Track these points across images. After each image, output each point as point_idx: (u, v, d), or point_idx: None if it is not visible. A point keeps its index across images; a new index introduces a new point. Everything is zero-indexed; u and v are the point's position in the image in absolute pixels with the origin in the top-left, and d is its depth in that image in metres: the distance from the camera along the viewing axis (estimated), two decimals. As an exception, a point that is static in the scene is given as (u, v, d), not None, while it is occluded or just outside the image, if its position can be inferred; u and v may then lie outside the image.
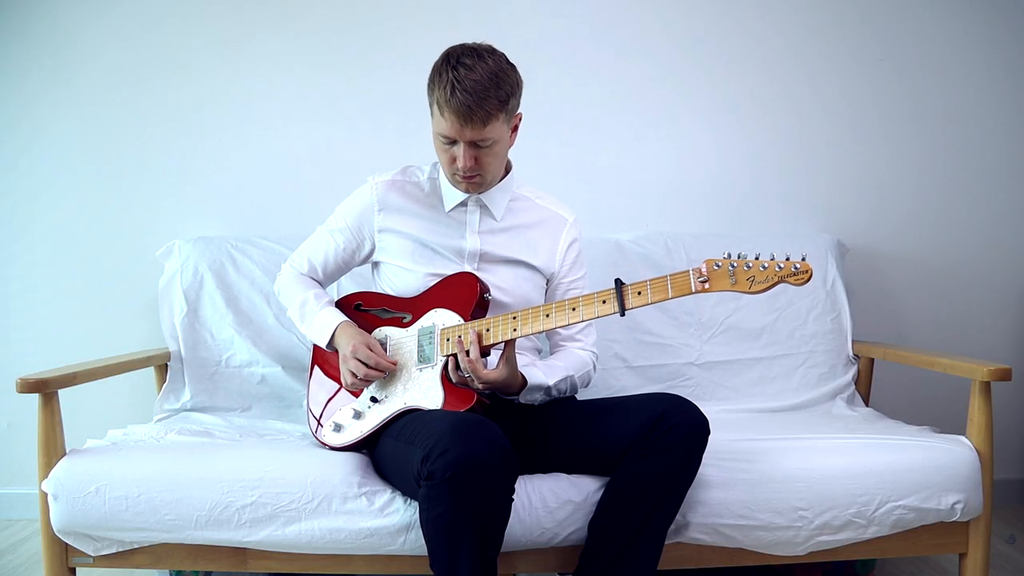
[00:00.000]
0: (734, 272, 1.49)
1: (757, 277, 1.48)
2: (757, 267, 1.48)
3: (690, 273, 1.51)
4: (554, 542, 1.67)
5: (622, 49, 2.58)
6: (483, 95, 1.59)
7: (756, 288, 1.48)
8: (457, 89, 1.59)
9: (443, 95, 1.61)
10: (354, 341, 1.72)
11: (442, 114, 1.63)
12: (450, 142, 1.67)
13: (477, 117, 1.60)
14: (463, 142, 1.65)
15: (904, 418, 2.18)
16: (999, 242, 2.66)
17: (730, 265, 1.49)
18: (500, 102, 1.62)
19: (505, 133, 1.69)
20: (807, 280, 1.48)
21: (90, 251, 2.53)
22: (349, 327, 1.77)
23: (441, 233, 1.79)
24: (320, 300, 1.84)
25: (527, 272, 1.82)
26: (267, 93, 2.54)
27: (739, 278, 1.49)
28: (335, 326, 1.77)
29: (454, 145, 1.67)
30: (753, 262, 1.49)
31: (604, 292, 1.58)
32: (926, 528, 1.76)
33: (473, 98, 1.58)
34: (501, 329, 1.62)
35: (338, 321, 1.78)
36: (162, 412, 2.22)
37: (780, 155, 2.62)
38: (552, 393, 1.75)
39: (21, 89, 2.52)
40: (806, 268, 1.47)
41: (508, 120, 1.68)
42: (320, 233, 1.89)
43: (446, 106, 1.61)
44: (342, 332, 1.76)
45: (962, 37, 2.62)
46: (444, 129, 1.64)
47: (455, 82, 1.59)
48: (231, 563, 1.72)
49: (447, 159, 1.70)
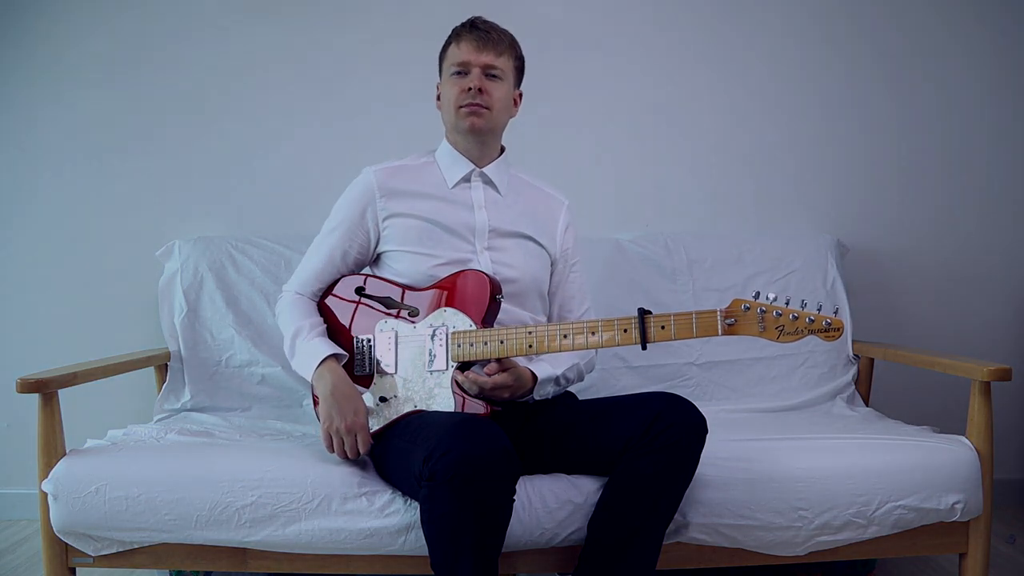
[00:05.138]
0: (763, 318, 1.48)
1: (787, 327, 1.47)
2: (787, 316, 1.47)
3: (718, 314, 1.51)
4: (554, 542, 1.67)
5: (622, 49, 2.58)
6: (499, 31, 1.77)
7: (785, 339, 1.48)
8: (477, 22, 1.77)
9: (463, 28, 1.77)
10: (350, 419, 1.61)
11: (458, 45, 1.75)
12: (462, 72, 1.74)
13: (492, 43, 1.73)
14: (477, 67, 1.72)
15: (904, 418, 2.18)
16: (999, 242, 2.66)
17: (759, 310, 1.48)
18: (512, 47, 1.78)
19: (511, 80, 1.78)
20: (838, 337, 1.48)
21: (90, 251, 2.53)
22: (333, 378, 1.65)
23: (449, 211, 1.77)
24: (312, 331, 1.73)
25: (536, 249, 1.83)
26: (267, 92, 2.54)
27: (768, 326, 1.48)
28: (315, 368, 1.67)
29: (466, 76, 1.73)
30: (783, 309, 1.48)
31: (625, 320, 1.57)
32: (926, 528, 1.76)
33: (491, 28, 1.76)
34: (516, 344, 1.61)
35: (317, 361, 1.67)
36: (162, 412, 2.22)
37: (780, 155, 2.62)
38: (561, 382, 1.77)
39: (21, 89, 2.52)
40: (838, 325, 1.47)
41: (515, 73, 1.80)
42: (316, 243, 1.82)
43: (464, 34, 1.75)
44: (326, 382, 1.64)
45: (962, 37, 2.62)
46: (458, 57, 1.74)
47: (474, 20, 1.78)
48: (231, 563, 1.72)
49: (456, 91, 1.74)
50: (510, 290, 1.74)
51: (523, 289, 1.79)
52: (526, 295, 1.80)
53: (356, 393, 1.66)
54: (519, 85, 1.83)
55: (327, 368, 1.67)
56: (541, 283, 1.84)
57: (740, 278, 2.37)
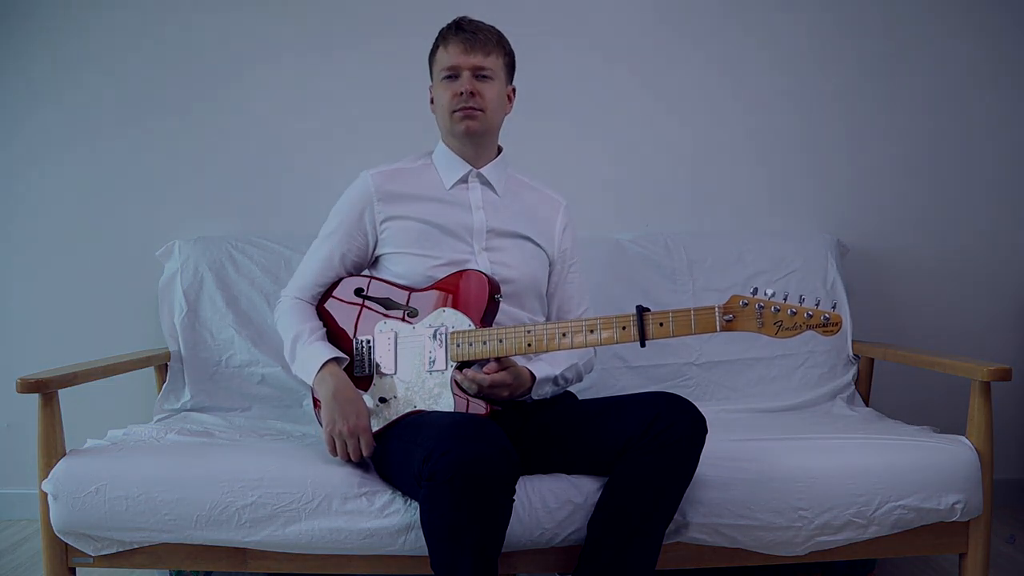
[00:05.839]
0: (761, 314, 1.48)
1: (785, 322, 1.47)
2: (785, 311, 1.47)
3: (716, 310, 1.51)
4: (554, 542, 1.67)
5: (623, 49, 2.58)
6: (487, 30, 1.75)
7: (783, 334, 1.48)
8: (463, 23, 1.75)
9: (449, 31, 1.75)
10: (352, 421, 1.61)
11: (446, 48, 1.74)
12: (452, 76, 1.73)
13: (479, 44, 1.72)
14: (466, 70, 1.71)
15: (904, 418, 2.18)
16: (999, 242, 2.66)
17: (757, 305, 1.48)
18: (500, 44, 1.76)
19: (502, 78, 1.76)
20: (837, 332, 1.47)
21: (90, 251, 2.53)
22: (335, 381, 1.66)
23: (446, 212, 1.78)
24: (312, 335, 1.73)
25: (534, 249, 1.83)
26: (267, 92, 2.54)
27: (766, 321, 1.48)
28: (316, 372, 1.67)
29: (456, 79, 1.72)
30: (782, 304, 1.48)
31: (623, 317, 1.57)
32: (926, 528, 1.76)
33: (477, 28, 1.74)
34: (515, 343, 1.61)
35: (319, 365, 1.68)
36: (162, 412, 2.22)
37: (780, 155, 2.62)
38: (559, 383, 1.76)
39: (20, 89, 2.52)
40: (836, 320, 1.46)
41: (506, 71, 1.78)
42: (314, 247, 1.82)
43: (451, 37, 1.73)
44: (328, 385, 1.65)
45: (962, 38, 2.62)
46: (447, 61, 1.73)
47: (459, 21, 1.76)
48: (231, 563, 1.72)
49: (448, 96, 1.73)
50: (508, 291, 1.74)
51: (521, 290, 1.79)
52: (524, 296, 1.80)
53: (358, 396, 1.66)
54: (511, 81, 1.82)
55: (328, 372, 1.67)
56: (539, 284, 1.84)
57: (740, 278, 2.37)
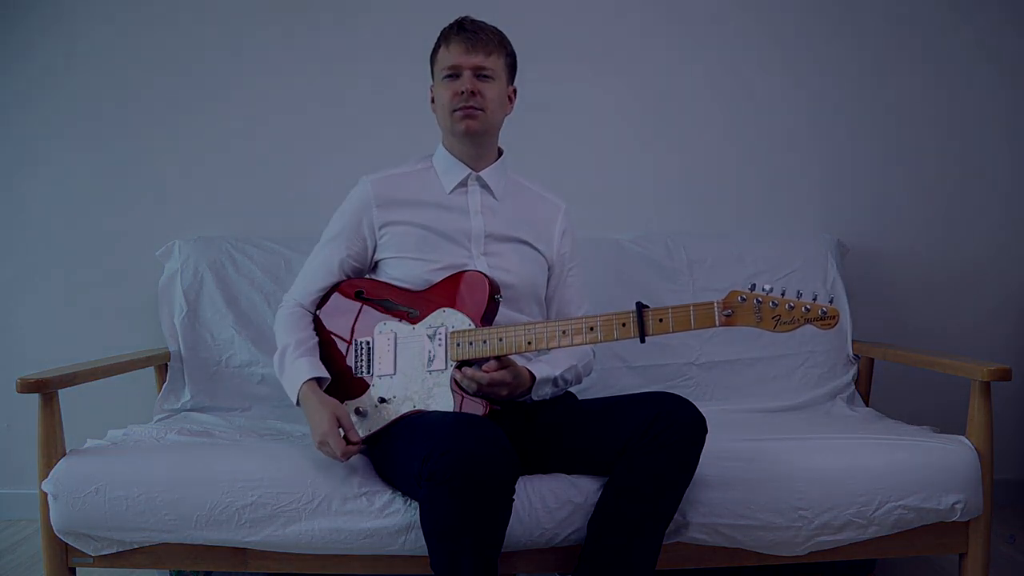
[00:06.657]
0: (760, 308, 1.49)
1: (783, 317, 1.48)
2: (784, 306, 1.48)
3: (715, 306, 1.51)
4: (554, 542, 1.67)
5: (623, 49, 2.58)
6: (489, 30, 1.75)
7: (781, 328, 1.48)
8: (465, 23, 1.75)
9: (450, 30, 1.75)
10: (323, 428, 1.61)
11: (447, 48, 1.73)
12: (453, 76, 1.73)
13: (481, 44, 1.72)
14: (467, 69, 1.71)
15: (904, 418, 2.18)
16: (999, 242, 2.65)
17: (755, 300, 1.49)
18: (502, 45, 1.76)
19: (504, 78, 1.76)
20: (834, 325, 1.48)
21: (90, 251, 2.53)
22: (311, 398, 1.66)
23: (445, 217, 1.78)
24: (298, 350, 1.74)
25: (532, 254, 1.83)
26: (268, 93, 2.54)
27: (765, 316, 1.49)
28: (297, 391, 1.69)
29: (457, 79, 1.72)
30: (779, 299, 1.48)
31: (623, 314, 1.57)
32: (926, 528, 1.76)
33: (479, 28, 1.74)
34: (515, 341, 1.61)
35: (298, 386, 1.69)
36: (162, 412, 2.22)
37: (780, 155, 2.62)
38: (559, 383, 1.76)
39: (20, 89, 2.52)
40: (834, 313, 1.47)
41: (507, 71, 1.78)
42: (315, 252, 1.84)
43: (453, 37, 1.73)
44: (307, 402, 1.67)
45: (962, 38, 2.62)
46: (448, 60, 1.73)
47: (461, 20, 1.76)
48: (231, 563, 1.72)
49: (449, 95, 1.73)
50: (507, 295, 1.74)
51: (520, 294, 1.79)
52: (523, 300, 1.80)
53: (325, 406, 1.64)
54: (512, 81, 1.82)
55: (303, 392, 1.68)
56: (538, 288, 1.84)
57: (740, 278, 2.37)
